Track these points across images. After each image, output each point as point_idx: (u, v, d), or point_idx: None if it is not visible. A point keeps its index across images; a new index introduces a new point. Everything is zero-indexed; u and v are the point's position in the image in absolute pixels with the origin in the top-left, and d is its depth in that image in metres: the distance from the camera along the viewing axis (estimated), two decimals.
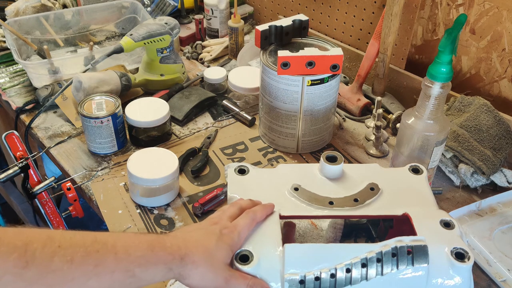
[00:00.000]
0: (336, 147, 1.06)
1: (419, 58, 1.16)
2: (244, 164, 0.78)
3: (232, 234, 0.62)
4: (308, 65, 0.92)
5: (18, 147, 1.04)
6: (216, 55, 1.37)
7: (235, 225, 0.64)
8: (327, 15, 1.31)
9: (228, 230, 0.63)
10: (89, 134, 0.99)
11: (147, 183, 0.87)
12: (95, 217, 1.06)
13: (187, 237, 0.61)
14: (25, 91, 1.21)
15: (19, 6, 1.33)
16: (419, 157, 0.86)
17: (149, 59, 1.17)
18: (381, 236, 0.80)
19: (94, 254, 0.54)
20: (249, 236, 0.64)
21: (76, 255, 0.53)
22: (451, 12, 1.06)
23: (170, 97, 1.16)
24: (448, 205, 0.92)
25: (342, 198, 0.72)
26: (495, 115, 0.95)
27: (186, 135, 1.08)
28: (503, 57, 1.00)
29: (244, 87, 1.15)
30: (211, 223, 0.65)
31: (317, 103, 0.96)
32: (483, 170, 0.91)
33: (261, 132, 1.07)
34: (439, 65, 0.76)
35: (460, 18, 0.74)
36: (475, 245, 0.82)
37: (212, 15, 1.40)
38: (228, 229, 0.63)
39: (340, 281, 0.60)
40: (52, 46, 1.32)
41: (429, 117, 0.82)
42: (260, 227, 0.66)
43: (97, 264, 0.54)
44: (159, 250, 0.58)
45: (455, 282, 0.61)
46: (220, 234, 0.62)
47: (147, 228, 0.86)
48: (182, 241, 0.60)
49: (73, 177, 0.96)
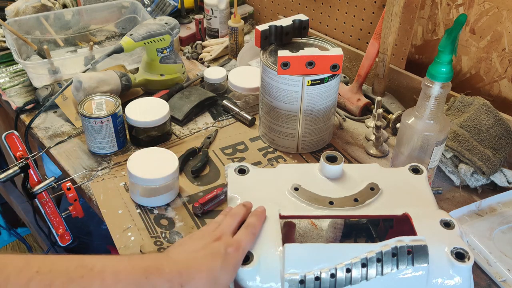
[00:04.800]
0: (336, 147, 1.06)
1: (419, 58, 1.16)
2: (244, 164, 0.78)
3: (237, 253, 0.60)
4: (308, 65, 0.92)
5: (18, 147, 1.04)
6: (216, 55, 1.37)
7: (239, 243, 0.61)
8: (327, 15, 1.31)
9: (233, 249, 0.60)
10: (89, 134, 0.99)
11: (147, 183, 0.87)
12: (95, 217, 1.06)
13: (190, 260, 0.58)
14: (25, 91, 1.21)
15: (19, 6, 1.33)
16: (419, 157, 0.86)
17: (149, 59, 1.17)
18: (381, 236, 0.80)
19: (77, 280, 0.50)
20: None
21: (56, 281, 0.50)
22: (451, 12, 1.06)
23: (170, 97, 1.16)
24: (448, 205, 0.92)
25: (342, 198, 0.72)
26: (495, 115, 0.95)
27: (186, 135, 1.08)
28: (503, 57, 1.00)
29: (244, 87, 1.15)
30: (214, 238, 0.62)
31: (317, 103, 0.96)
32: (483, 170, 0.91)
33: (261, 132, 1.07)
34: (439, 65, 0.76)
35: (460, 18, 0.74)
36: (475, 245, 0.82)
37: (212, 15, 1.40)
38: (232, 247, 0.60)
39: (340, 281, 0.60)
40: (52, 46, 1.32)
41: (429, 117, 0.82)
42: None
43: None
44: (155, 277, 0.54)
45: (455, 282, 0.61)
46: (225, 254, 0.59)
47: (147, 228, 0.86)
48: (183, 266, 0.57)
49: (73, 177, 0.96)
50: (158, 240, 0.84)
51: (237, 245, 0.61)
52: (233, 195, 0.73)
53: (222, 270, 0.58)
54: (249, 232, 0.64)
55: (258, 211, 0.68)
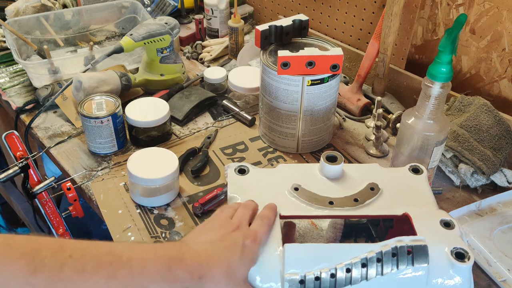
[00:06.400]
0: (336, 147, 1.06)
1: (419, 58, 1.16)
2: (244, 164, 0.78)
3: (255, 245, 0.61)
4: (308, 65, 0.92)
5: (18, 147, 1.04)
6: (216, 55, 1.37)
7: (256, 234, 0.62)
8: (327, 15, 1.31)
9: (251, 241, 0.61)
10: (89, 134, 0.99)
11: (147, 183, 0.87)
12: (95, 217, 1.06)
13: (209, 251, 0.59)
14: (25, 91, 1.21)
15: (19, 6, 1.33)
16: (419, 157, 0.86)
17: (149, 59, 1.17)
18: (381, 236, 0.80)
19: (107, 266, 0.53)
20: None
21: (88, 266, 0.52)
22: (451, 12, 1.06)
23: (170, 97, 1.16)
24: (448, 205, 0.92)
25: (342, 198, 0.72)
26: (495, 115, 0.95)
27: (186, 135, 1.08)
28: (503, 57, 1.00)
29: (244, 87, 1.15)
30: (233, 226, 0.63)
31: (317, 103, 0.96)
32: (483, 170, 0.91)
33: (261, 132, 1.07)
34: (439, 65, 0.76)
35: (460, 18, 0.74)
36: (475, 245, 0.82)
37: (212, 15, 1.40)
38: (250, 238, 0.61)
39: (340, 281, 0.60)
40: (52, 46, 1.32)
41: (429, 117, 0.82)
42: None
43: (109, 277, 0.53)
44: (177, 268, 0.56)
45: (455, 282, 0.61)
46: (243, 246, 0.60)
47: (147, 228, 0.86)
48: (204, 257, 0.58)
49: (73, 177, 0.96)
50: (158, 240, 0.84)
51: (254, 236, 0.62)
52: (233, 195, 0.73)
53: (240, 263, 0.59)
54: (264, 224, 0.64)
55: (271, 205, 0.69)
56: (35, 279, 0.49)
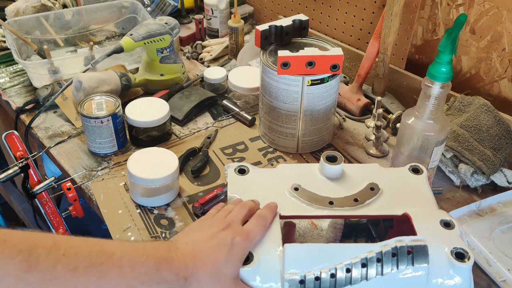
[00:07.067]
0: (336, 147, 1.06)
1: (419, 58, 1.16)
2: (244, 164, 0.78)
3: (244, 243, 0.61)
4: (308, 65, 0.92)
5: (18, 147, 1.04)
6: (216, 55, 1.37)
7: (248, 232, 0.62)
8: (327, 15, 1.31)
9: (241, 239, 0.61)
10: (89, 134, 0.99)
11: (147, 183, 0.87)
12: (95, 217, 1.06)
13: (197, 251, 0.59)
14: (25, 91, 1.21)
15: (19, 6, 1.33)
16: (419, 157, 0.86)
17: (149, 59, 1.17)
18: (381, 236, 0.80)
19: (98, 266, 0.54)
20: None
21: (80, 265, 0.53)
22: (451, 12, 1.06)
23: (170, 97, 1.16)
24: (448, 205, 0.92)
25: (342, 198, 0.72)
26: (495, 115, 0.95)
27: (186, 135, 1.08)
28: (503, 57, 1.00)
29: (244, 87, 1.15)
30: (223, 226, 0.63)
31: (317, 103, 0.96)
32: (483, 170, 0.91)
33: (261, 132, 1.07)
34: (439, 65, 0.76)
35: (460, 18, 0.74)
36: (475, 245, 0.82)
37: (212, 15, 1.40)
38: (241, 236, 0.61)
39: (340, 281, 0.60)
40: (52, 46, 1.32)
41: (429, 117, 0.82)
42: None
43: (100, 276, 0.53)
44: (165, 270, 0.57)
45: (455, 282, 0.61)
46: (231, 244, 0.60)
47: (147, 228, 0.86)
48: (190, 258, 0.58)
49: (73, 177, 0.96)
50: (158, 240, 0.84)
51: (246, 234, 0.61)
52: (233, 195, 0.73)
53: (227, 262, 0.59)
54: (259, 223, 0.64)
55: (271, 205, 0.69)
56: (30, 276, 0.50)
